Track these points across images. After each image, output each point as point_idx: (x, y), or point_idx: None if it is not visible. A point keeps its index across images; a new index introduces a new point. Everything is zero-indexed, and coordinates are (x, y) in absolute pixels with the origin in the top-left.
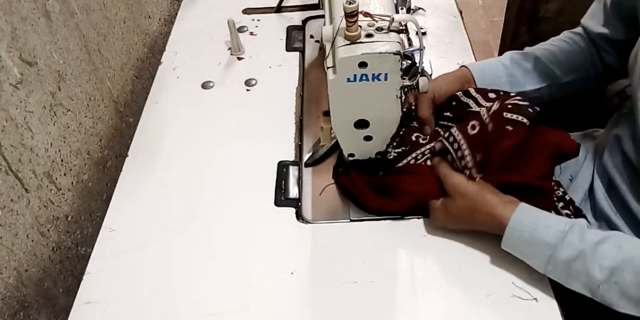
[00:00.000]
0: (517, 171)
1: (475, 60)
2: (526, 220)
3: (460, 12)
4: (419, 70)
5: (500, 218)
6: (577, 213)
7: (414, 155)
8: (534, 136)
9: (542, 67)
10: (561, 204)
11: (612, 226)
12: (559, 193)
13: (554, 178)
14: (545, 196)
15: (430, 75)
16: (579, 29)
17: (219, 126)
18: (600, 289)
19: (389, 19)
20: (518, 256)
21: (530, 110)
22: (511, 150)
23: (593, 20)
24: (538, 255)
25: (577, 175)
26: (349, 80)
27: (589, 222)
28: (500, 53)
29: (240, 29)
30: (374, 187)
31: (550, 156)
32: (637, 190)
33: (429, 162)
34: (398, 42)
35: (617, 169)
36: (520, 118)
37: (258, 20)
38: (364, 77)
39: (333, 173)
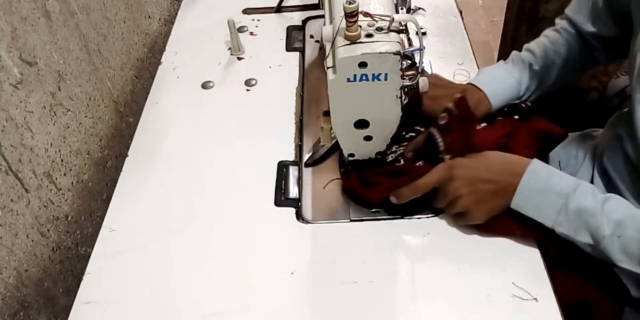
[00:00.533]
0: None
1: (475, 60)
2: (542, 171)
3: (460, 12)
4: (419, 70)
5: (522, 165)
6: None
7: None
8: (523, 124)
9: (543, 74)
10: None
11: None
12: None
13: None
14: None
15: (430, 75)
16: (568, 25)
17: (219, 126)
18: (604, 242)
19: (389, 19)
20: (528, 212)
21: (523, 105)
22: (498, 138)
23: (580, 14)
24: (551, 204)
25: (577, 174)
26: (349, 80)
27: None
28: (500, 53)
29: (240, 29)
30: (366, 180)
31: (536, 136)
32: (637, 190)
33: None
34: (398, 42)
35: (617, 169)
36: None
37: (258, 20)
38: (364, 77)
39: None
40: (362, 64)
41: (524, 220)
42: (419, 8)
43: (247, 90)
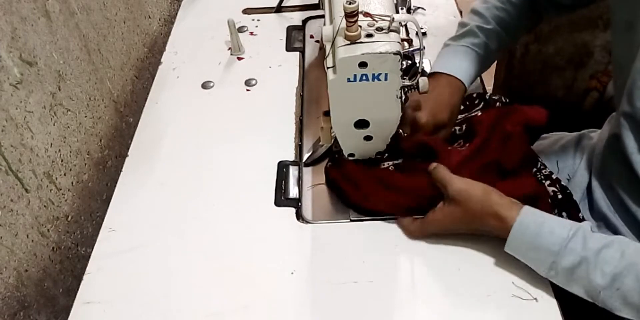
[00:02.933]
0: (500, 160)
1: None
2: (530, 225)
3: (460, 12)
4: (419, 70)
5: (507, 220)
6: (563, 191)
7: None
8: (502, 120)
9: (499, 42)
10: (548, 182)
11: (609, 225)
12: (545, 172)
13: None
14: (542, 200)
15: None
16: None
17: (219, 126)
18: (602, 295)
19: (389, 19)
20: (521, 259)
21: (498, 103)
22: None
23: None
24: (540, 261)
25: (575, 175)
26: (349, 80)
27: (575, 201)
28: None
29: (240, 29)
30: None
31: (522, 137)
32: (635, 190)
33: None
34: (398, 42)
35: (616, 169)
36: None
37: (258, 20)
38: (364, 77)
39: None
40: (362, 64)
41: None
42: (419, 8)
43: (247, 90)
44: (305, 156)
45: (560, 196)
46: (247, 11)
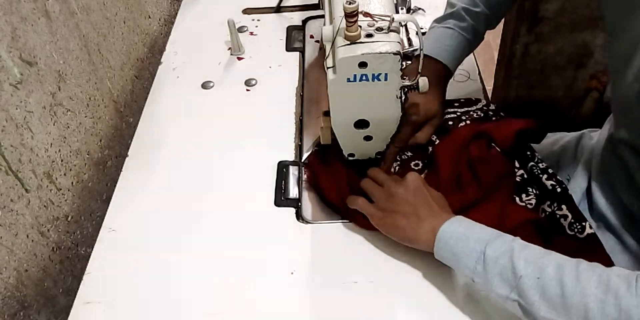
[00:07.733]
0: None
1: (475, 60)
2: (464, 221)
3: None
4: (419, 70)
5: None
6: (560, 184)
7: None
8: (468, 147)
9: (487, 23)
10: (545, 176)
11: (609, 226)
12: (542, 166)
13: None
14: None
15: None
16: None
17: (219, 126)
18: (521, 284)
19: (389, 19)
20: (446, 261)
21: (490, 112)
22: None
23: None
24: (469, 251)
25: (575, 175)
26: (349, 80)
27: (571, 195)
28: (500, 53)
29: (240, 29)
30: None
31: (493, 157)
32: (634, 190)
33: None
34: (398, 42)
35: (614, 169)
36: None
37: (258, 20)
38: (364, 77)
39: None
40: (362, 64)
41: None
42: (419, 8)
43: (247, 90)
44: (305, 155)
45: (559, 190)
46: (247, 11)
